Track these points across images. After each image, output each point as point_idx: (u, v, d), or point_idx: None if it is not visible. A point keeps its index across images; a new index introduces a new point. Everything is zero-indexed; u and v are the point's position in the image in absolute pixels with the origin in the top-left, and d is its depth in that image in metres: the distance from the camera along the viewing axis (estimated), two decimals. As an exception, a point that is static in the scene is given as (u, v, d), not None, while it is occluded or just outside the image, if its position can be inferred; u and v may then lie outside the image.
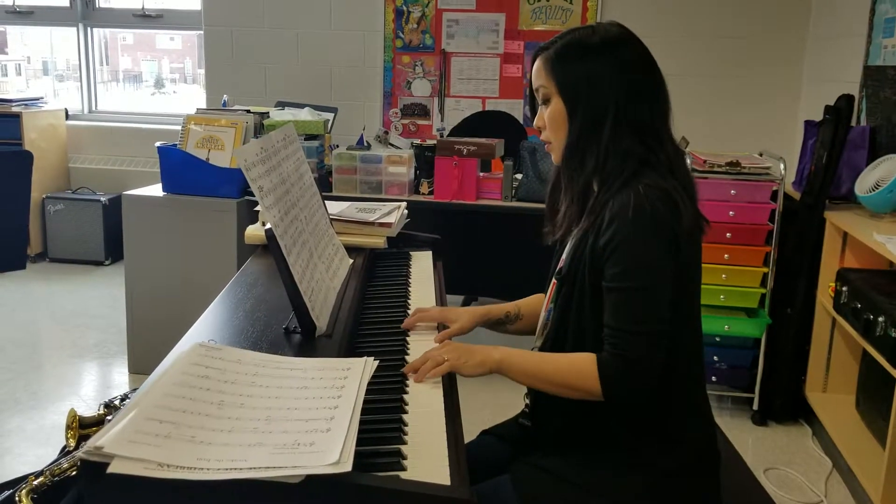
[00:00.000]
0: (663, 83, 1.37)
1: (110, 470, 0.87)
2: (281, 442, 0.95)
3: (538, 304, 1.62)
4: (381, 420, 1.13)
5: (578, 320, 1.35)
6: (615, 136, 1.32)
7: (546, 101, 1.39)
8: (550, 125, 1.39)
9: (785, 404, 3.07)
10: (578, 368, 1.28)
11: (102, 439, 0.90)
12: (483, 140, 3.25)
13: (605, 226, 1.28)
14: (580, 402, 1.33)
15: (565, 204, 1.40)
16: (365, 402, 1.07)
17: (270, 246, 1.32)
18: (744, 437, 2.96)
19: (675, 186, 1.29)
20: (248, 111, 3.36)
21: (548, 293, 1.51)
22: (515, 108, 4.50)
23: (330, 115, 3.88)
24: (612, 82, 1.32)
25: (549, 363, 1.33)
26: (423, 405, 1.22)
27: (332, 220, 1.89)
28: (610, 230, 1.27)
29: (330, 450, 0.92)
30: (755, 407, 3.08)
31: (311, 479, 0.89)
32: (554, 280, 1.47)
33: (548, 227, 1.53)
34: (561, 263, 1.45)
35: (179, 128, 3.29)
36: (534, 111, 1.47)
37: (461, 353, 1.34)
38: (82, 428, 1.36)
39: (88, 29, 5.26)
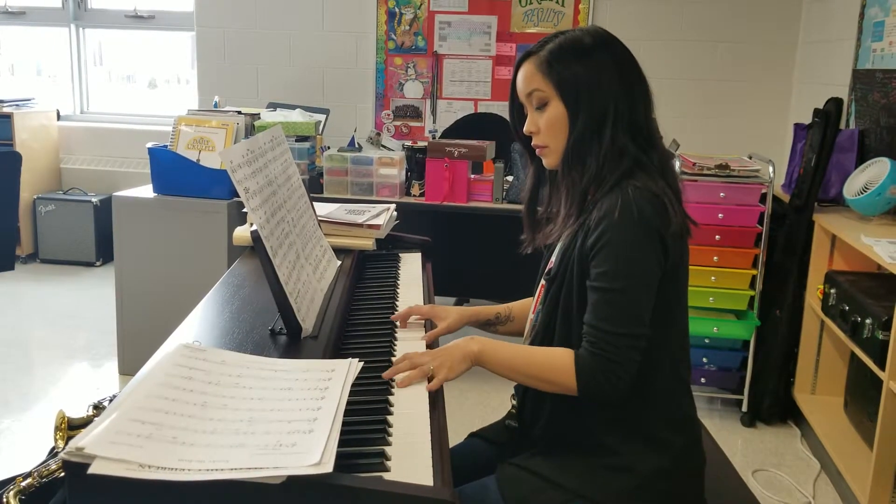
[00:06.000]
0: (647, 82, 1.38)
1: (91, 470, 0.87)
2: (263, 443, 0.95)
3: (530, 307, 1.62)
4: (365, 421, 1.13)
5: (565, 321, 1.35)
6: (614, 136, 1.32)
7: (542, 105, 1.38)
8: (549, 129, 1.37)
9: (773, 406, 3.08)
10: (555, 363, 1.29)
11: (84, 440, 0.90)
12: (474, 142, 3.26)
13: (592, 226, 1.28)
14: (566, 405, 1.33)
15: (565, 207, 1.38)
16: (350, 403, 1.08)
17: (256, 247, 1.32)
18: (732, 438, 2.97)
19: (663, 189, 1.29)
20: (240, 112, 3.36)
21: (536, 295, 1.51)
22: (507, 111, 4.50)
23: (322, 117, 3.88)
24: (611, 82, 1.33)
25: (527, 356, 1.33)
26: (409, 407, 1.22)
27: (320, 221, 1.89)
28: (597, 231, 1.27)
29: (311, 450, 0.92)
30: (744, 408, 3.09)
31: (292, 480, 0.89)
32: (543, 282, 1.47)
33: (527, 236, 1.52)
34: (550, 265, 1.45)
35: (171, 129, 3.28)
36: (516, 118, 1.47)
37: (443, 360, 1.31)
38: (71, 429, 1.36)
39: (80, 30, 5.25)
